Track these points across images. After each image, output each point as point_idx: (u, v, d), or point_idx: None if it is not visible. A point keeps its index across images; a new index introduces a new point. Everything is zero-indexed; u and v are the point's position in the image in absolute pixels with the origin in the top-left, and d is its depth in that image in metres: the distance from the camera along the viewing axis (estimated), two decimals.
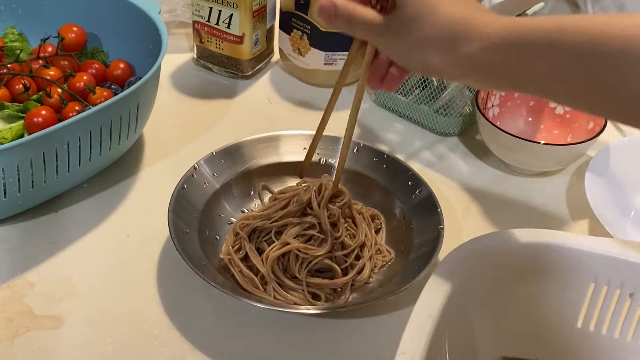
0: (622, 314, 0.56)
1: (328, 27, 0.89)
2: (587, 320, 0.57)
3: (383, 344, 0.63)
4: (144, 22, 0.81)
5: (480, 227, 0.76)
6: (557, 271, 0.55)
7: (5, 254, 0.69)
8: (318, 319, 0.65)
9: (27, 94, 0.80)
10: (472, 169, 0.84)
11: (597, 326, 0.57)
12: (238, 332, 0.64)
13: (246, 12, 0.90)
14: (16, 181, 0.67)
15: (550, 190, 0.82)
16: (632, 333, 0.56)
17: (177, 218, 0.67)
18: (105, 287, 0.67)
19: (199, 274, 0.62)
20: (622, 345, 0.56)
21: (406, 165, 0.76)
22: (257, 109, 0.92)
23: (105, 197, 0.76)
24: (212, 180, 0.73)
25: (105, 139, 0.72)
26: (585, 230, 0.77)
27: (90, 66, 0.85)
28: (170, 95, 0.93)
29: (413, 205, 0.72)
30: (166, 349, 0.62)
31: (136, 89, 0.71)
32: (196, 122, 0.88)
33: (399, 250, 0.70)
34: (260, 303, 0.62)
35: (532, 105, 0.87)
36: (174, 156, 0.82)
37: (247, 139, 0.77)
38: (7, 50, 0.86)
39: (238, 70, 0.95)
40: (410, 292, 0.63)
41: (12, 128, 0.76)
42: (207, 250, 0.68)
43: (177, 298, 0.66)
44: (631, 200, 0.78)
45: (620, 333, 0.56)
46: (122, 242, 0.72)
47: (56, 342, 0.61)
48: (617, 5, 0.95)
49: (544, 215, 0.78)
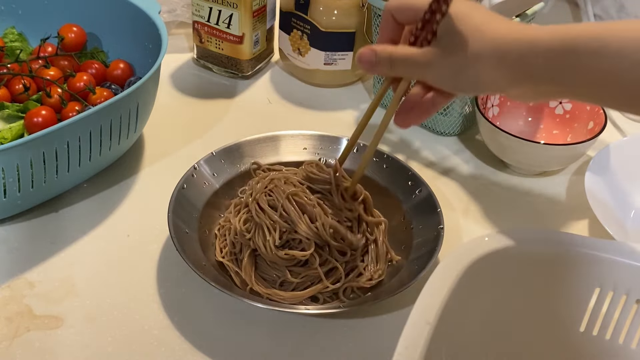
0: (628, 320, 0.54)
1: (328, 28, 0.90)
2: (591, 325, 0.56)
3: (383, 344, 0.63)
4: (144, 22, 0.81)
5: (480, 227, 0.76)
6: (561, 273, 0.54)
7: (5, 254, 0.69)
8: (318, 319, 0.65)
9: (27, 94, 0.80)
10: (472, 169, 0.84)
11: (600, 331, 0.56)
12: (238, 332, 0.64)
13: (246, 12, 0.90)
14: (16, 181, 0.67)
15: (550, 190, 0.82)
16: (637, 340, 0.54)
17: (177, 218, 0.67)
18: (105, 287, 0.67)
19: (199, 274, 0.62)
20: (625, 352, 0.55)
21: (406, 165, 0.76)
22: (257, 109, 0.92)
23: (105, 197, 0.76)
24: (212, 180, 0.73)
25: (105, 139, 0.72)
26: (585, 230, 0.77)
27: (90, 66, 0.85)
28: (170, 95, 0.93)
29: (413, 205, 0.72)
30: (166, 349, 0.62)
31: (136, 89, 0.71)
32: (196, 122, 0.88)
33: (399, 250, 0.70)
34: (260, 303, 0.62)
35: (532, 105, 0.87)
36: (174, 156, 0.82)
37: (247, 139, 0.77)
38: (7, 50, 0.86)
39: (238, 70, 0.95)
40: (410, 292, 0.63)
41: (12, 128, 0.76)
42: (207, 250, 0.68)
43: (177, 298, 0.66)
44: (631, 200, 0.78)
45: (625, 339, 0.55)
46: (122, 242, 0.72)
47: (56, 342, 0.61)
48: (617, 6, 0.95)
49: (544, 215, 0.78)
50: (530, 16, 0.86)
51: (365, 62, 0.55)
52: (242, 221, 0.67)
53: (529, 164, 0.82)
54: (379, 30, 0.57)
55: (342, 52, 0.92)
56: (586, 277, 0.54)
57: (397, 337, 0.64)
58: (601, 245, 0.53)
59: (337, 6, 0.89)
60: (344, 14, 0.90)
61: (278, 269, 0.65)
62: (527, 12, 0.85)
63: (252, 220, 0.66)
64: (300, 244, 0.65)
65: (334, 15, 0.90)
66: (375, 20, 0.87)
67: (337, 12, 0.90)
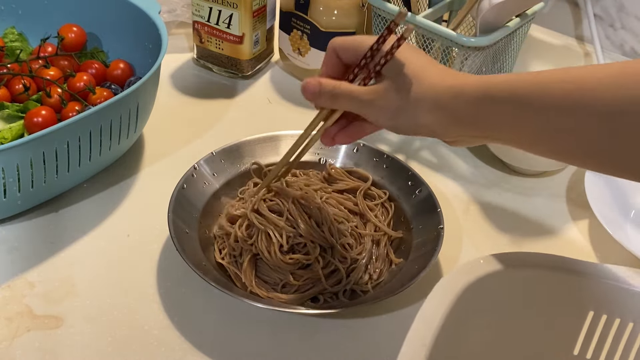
0: (621, 344, 0.54)
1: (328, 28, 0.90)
2: (585, 348, 0.55)
3: (383, 344, 0.63)
4: (144, 22, 0.81)
5: (480, 227, 0.76)
6: (555, 297, 0.54)
7: (5, 254, 0.69)
8: (318, 319, 0.65)
9: (27, 94, 0.80)
10: (472, 169, 0.84)
11: (594, 354, 0.55)
12: (238, 332, 0.64)
13: (246, 12, 0.90)
14: (16, 181, 0.67)
15: (550, 190, 0.82)
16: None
17: (177, 218, 0.67)
18: (105, 287, 0.67)
19: (199, 274, 0.62)
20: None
21: (406, 165, 0.76)
22: (257, 109, 0.92)
23: (105, 197, 0.76)
24: (212, 180, 0.73)
25: (105, 139, 0.72)
26: (586, 230, 0.77)
27: (90, 66, 0.85)
28: (170, 95, 0.93)
29: (413, 205, 0.72)
30: (166, 349, 0.62)
31: (136, 89, 0.71)
32: (196, 122, 0.88)
33: (399, 250, 0.70)
34: (260, 303, 0.62)
35: None
36: (174, 156, 0.82)
37: (247, 139, 0.77)
38: (7, 50, 0.86)
39: (238, 70, 0.95)
40: (410, 292, 0.63)
41: (12, 128, 0.77)
42: (207, 251, 0.68)
43: (177, 298, 0.66)
44: (631, 200, 0.78)
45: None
46: (122, 242, 0.72)
47: (56, 342, 0.61)
48: (617, 6, 0.95)
49: (544, 215, 0.78)
50: (530, 16, 0.86)
51: (309, 91, 0.57)
52: (244, 227, 0.67)
53: (529, 164, 0.82)
54: (322, 64, 0.59)
55: None
56: (580, 300, 0.54)
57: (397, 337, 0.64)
58: (595, 269, 0.53)
59: (337, 6, 0.89)
60: (344, 14, 0.90)
61: (281, 272, 0.65)
62: (527, 12, 0.85)
63: (254, 226, 0.66)
64: (304, 247, 0.65)
65: (334, 15, 0.90)
66: (375, 20, 0.87)
67: (337, 12, 0.90)
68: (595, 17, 0.98)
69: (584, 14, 0.99)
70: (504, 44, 0.87)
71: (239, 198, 0.73)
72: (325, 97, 0.57)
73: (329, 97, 0.57)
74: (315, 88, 0.57)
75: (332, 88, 0.56)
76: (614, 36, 0.98)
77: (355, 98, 0.55)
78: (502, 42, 0.85)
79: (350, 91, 0.56)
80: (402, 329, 0.64)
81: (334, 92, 0.56)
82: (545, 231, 0.77)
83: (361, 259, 0.67)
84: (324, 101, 0.57)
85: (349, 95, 0.56)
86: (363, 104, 0.55)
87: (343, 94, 0.56)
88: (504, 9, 0.80)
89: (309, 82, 0.57)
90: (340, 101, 0.56)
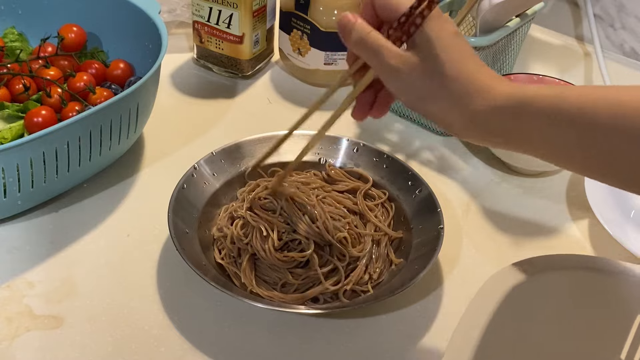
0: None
1: (328, 28, 0.90)
2: (632, 352, 0.54)
3: (383, 344, 0.63)
4: (144, 22, 0.81)
5: (480, 227, 0.76)
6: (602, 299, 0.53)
7: (5, 254, 0.69)
8: (318, 319, 0.65)
9: (27, 94, 0.80)
10: (472, 169, 0.84)
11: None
12: (238, 332, 0.64)
13: (246, 12, 0.90)
14: (16, 181, 0.67)
15: (550, 190, 0.82)
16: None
17: (177, 218, 0.67)
18: (105, 287, 0.67)
19: (199, 274, 0.62)
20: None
21: (406, 165, 0.76)
22: (257, 109, 0.92)
23: (105, 197, 0.76)
24: (212, 180, 0.73)
25: (105, 139, 0.72)
26: (586, 230, 0.77)
27: (90, 66, 0.85)
28: (170, 95, 0.93)
29: (413, 205, 0.72)
30: (166, 349, 0.62)
31: (136, 89, 0.71)
32: (196, 122, 0.88)
33: (399, 250, 0.70)
34: (260, 303, 0.62)
35: None
36: (174, 156, 0.82)
37: (247, 139, 0.77)
38: (7, 50, 0.86)
39: (238, 70, 0.95)
40: (410, 292, 0.63)
41: (12, 128, 0.76)
42: (207, 251, 0.68)
43: (177, 298, 0.66)
44: (631, 200, 0.78)
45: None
46: (122, 242, 0.72)
47: (56, 342, 0.61)
48: (617, 5, 0.95)
49: (544, 215, 0.78)
50: (530, 16, 0.86)
51: (342, 24, 0.53)
52: (239, 226, 0.67)
53: (528, 164, 0.82)
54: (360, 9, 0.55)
55: (342, 52, 0.92)
56: (628, 303, 0.53)
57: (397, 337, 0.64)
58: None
59: (337, 6, 0.89)
60: None
61: (279, 271, 0.65)
62: (527, 12, 0.85)
63: (249, 224, 0.66)
64: (299, 245, 0.65)
65: (334, 15, 0.90)
66: None
67: (337, 12, 0.90)
68: (595, 17, 0.98)
69: (584, 14, 0.99)
70: (504, 44, 0.87)
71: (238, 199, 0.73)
72: (354, 39, 0.52)
73: (356, 41, 0.52)
74: (349, 24, 0.52)
75: (362, 31, 0.52)
76: (614, 36, 0.98)
77: (381, 55, 0.51)
78: (502, 42, 0.85)
79: (379, 45, 0.51)
80: (402, 329, 0.65)
81: (362, 37, 0.52)
82: (545, 231, 0.77)
83: (362, 257, 0.67)
84: (351, 41, 0.53)
85: (376, 49, 0.51)
86: (385, 68, 0.51)
87: (371, 45, 0.51)
88: (504, 9, 0.80)
89: (346, 16, 0.53)
90: (364, 51, 0.52)
